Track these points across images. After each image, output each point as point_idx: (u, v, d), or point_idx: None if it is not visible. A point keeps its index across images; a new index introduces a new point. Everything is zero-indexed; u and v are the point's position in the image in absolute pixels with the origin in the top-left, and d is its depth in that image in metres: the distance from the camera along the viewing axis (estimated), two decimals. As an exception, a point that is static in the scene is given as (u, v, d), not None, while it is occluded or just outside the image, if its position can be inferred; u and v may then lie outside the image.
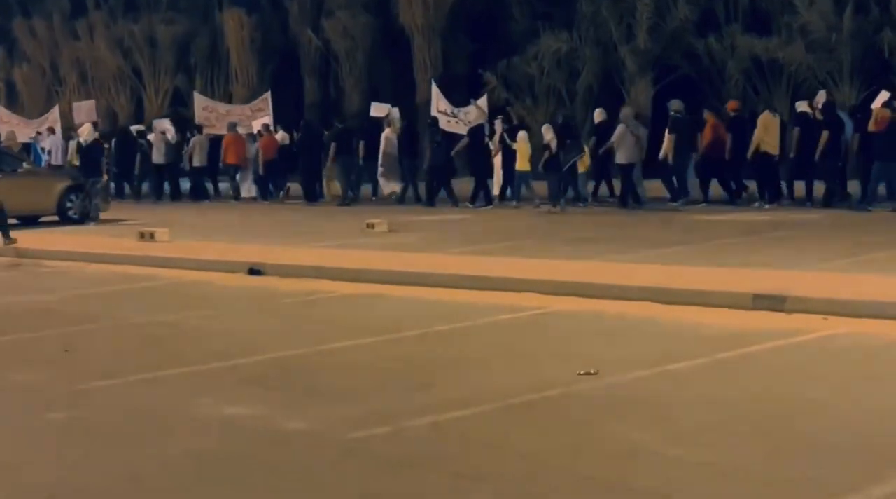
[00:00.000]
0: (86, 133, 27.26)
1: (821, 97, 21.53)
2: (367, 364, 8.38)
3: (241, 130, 29.32)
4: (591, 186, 23.58)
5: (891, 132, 19.18)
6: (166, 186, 30.71)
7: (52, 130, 33.31)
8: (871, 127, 19.42)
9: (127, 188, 30.83)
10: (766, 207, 20.49)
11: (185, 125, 32.15)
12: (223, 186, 30.19)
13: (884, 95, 20.11)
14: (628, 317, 9.88)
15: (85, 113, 35.09)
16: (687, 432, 6.16)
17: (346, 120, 30.30)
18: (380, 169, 26.30)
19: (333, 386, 7.68)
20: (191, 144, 29.76)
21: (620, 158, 21.94)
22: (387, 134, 26.27)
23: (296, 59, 39.40)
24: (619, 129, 22.05)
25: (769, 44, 27.42)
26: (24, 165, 24.79)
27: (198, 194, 29.72)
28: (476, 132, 24.30)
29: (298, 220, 22.53)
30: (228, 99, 39.30)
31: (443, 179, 24.46)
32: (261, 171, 28.37)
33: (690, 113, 22.38)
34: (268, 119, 29.67)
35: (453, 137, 25.43)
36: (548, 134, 22.18)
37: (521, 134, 23.07)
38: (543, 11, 32.08)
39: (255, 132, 29.20)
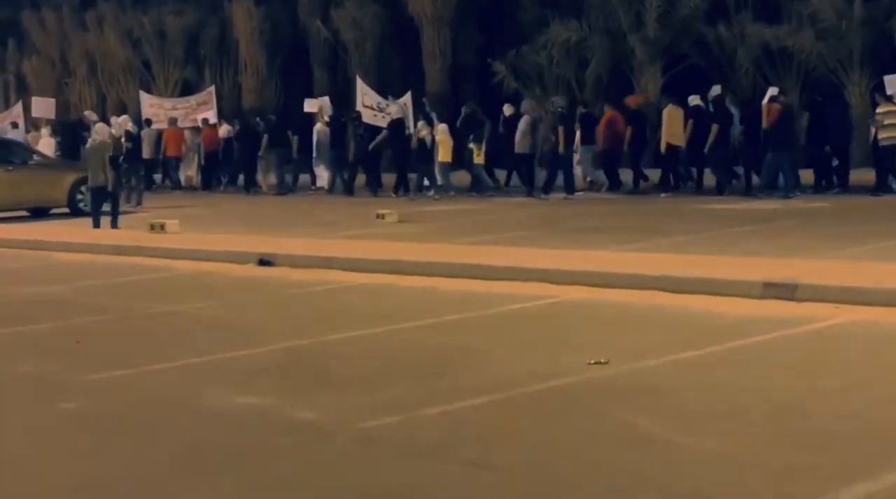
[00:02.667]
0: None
1: (714, 91, 22.84)
2: (378, 354, 8.39)
3: (184, 124, 31.43)
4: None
5: (781, 124, 20.21)
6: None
7: (14, 125, 34.62)
8: (764, 123, 20.41)
9: None
10: (663, 195, 21.83)
11: None
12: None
13: (772, 91, 21.23)
14: (638, 306, 9.86)
15: (44, 109, 36.30)
16: (697, 421, 6.15)
17: (281, 114, 32.34)
18: (315, 161, 28.33)
19: (344, 376, 7.69)
20: (140, 138, 30.84)
21: (520, 148, 23.22)
22: (318, 128, 27.89)
23: (305, 50, 39.38)
24: (523, 121, 23.26)
25: (779, 32, 27.34)
26: (35, 157, 24.84)
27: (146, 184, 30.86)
28: (395, 126, 25.59)
29: (307, 210, 22.54)
30: (238, 90, 39.42)
31: (370, 168, 26.41)
32: (202, 162, 30.78)
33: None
34: (210, 113, 31.74)
35: (377, 130, 26.58)
36: (423, 131, 24.18)
37: (442, 127, 24.35)
38: (552, 0, 32.01)
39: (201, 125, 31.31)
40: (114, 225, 19.38)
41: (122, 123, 29.41)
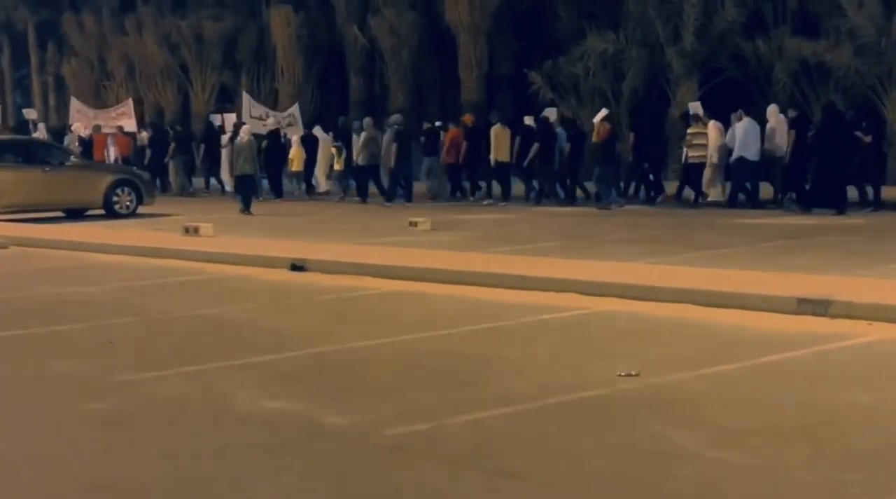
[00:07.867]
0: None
1: (550, 112, 25.74)
2: (408, 361, 8.39)
3: (106, 130, 33.54)
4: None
5: (608, 143, 22.79)
6: None
7: None
8: (594, 138, 22.98)
9: None
10: (502, 204, 24.22)
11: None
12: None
13: (604, 112, 23.76)
14: (670, 319, 9.82)
15: None
16: (728, 435, 6.11)
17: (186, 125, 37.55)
18: (223, 168, 31.08)
19: (373, 382, 7.69)
20: (65, 143, 32.06)
21: (363, 160, 25.86)
22: (224, 140, 30.80)
23: (342, 57, 39.52)
24: (363, 136, 25.69)
25: (817, 47, 27.18)
26: (72, 158, 25.01)
27: None
28: (271, 136, 28.91)
29: (340, 217, 22.59)
30: (275, 96, 39.61)
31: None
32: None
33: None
34: (126, 120, 34.51)
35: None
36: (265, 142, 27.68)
37: (294, 138, 29.07)
38: (589, 11, 31.97)
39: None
40: (247, 208, 22.92)
41: (76, 129, 33.14)
